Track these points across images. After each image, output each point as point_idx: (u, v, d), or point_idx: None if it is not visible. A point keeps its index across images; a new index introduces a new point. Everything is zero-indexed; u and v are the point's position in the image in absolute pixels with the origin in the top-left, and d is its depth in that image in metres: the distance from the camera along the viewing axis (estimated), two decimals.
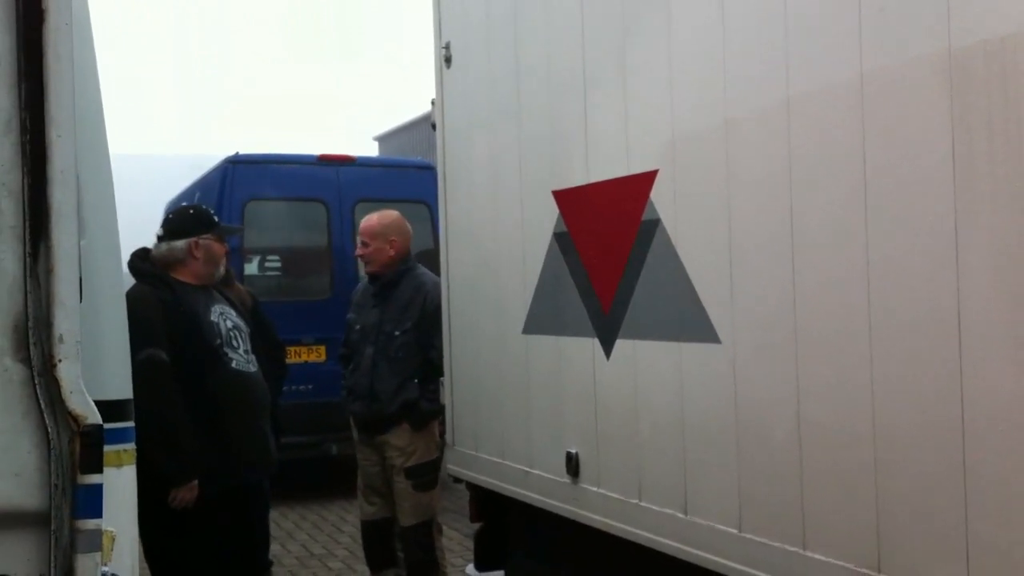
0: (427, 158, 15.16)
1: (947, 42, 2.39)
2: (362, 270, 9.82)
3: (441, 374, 5.25)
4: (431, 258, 5.99)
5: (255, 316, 5.14)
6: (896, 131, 2.56)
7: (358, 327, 5.62)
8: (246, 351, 4.76)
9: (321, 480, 9.74)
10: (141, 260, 4.75)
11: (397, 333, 5.42)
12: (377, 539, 5.62)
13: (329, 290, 9.92)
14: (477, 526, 5.12)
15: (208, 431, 4.47)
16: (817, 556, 2.81)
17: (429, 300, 5.39)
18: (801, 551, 2.86)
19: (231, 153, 9.89)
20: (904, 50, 2.53)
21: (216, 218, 5.06)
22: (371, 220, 5.70)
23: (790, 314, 2.88)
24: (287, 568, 7.20)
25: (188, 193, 11.37)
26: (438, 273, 5.31)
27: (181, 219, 4.94)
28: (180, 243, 4.76)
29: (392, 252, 5.60)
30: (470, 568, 5.21)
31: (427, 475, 5.39)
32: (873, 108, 2.61)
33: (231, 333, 4.71)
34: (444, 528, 7.78)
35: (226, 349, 4.62)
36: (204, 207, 5.03)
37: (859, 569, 2.67)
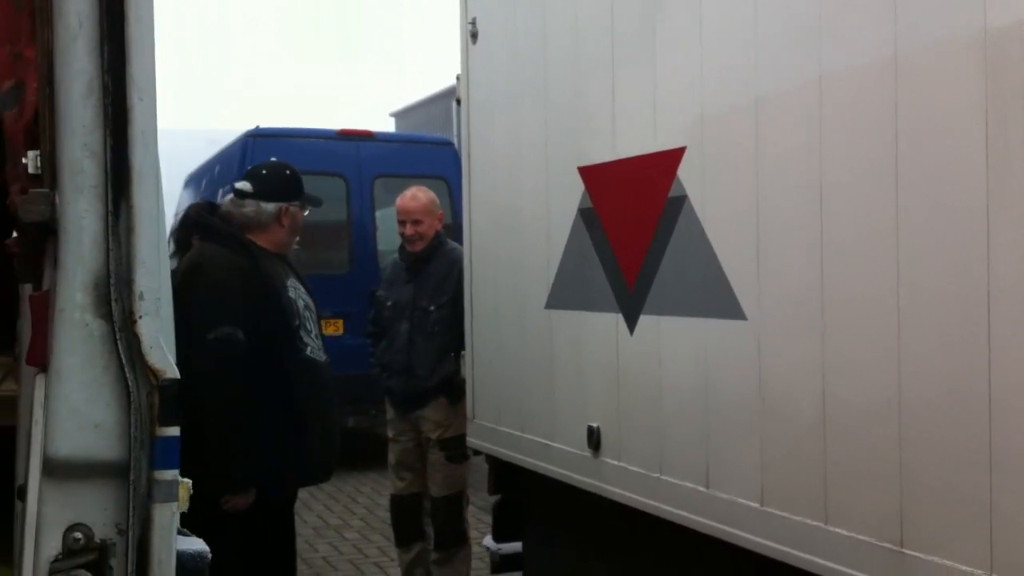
0: (444, 134, 15.20)
1: (983, 21, 2.40)
2: (381, 245, 9.95)
3: None
4: (451, 234, 6.02)
5: None
6: (929, 110, 2.56)
7: (390, 303, 5.58)
8: (318, 335, 4.25)
9: None
10: (210, 215, 4.31)
11: (432, 308, 5.39)
12: (408, 514, 5.64)
13: (348, 264, 9.97)
14: (495, 499, 5.16)
15: (280, 429, 3.98)
16: (839, 530, 2.84)
17: (459, 266, 5.31)
18: (823, 525, 2.89)
19: (251, 127, 9.93)
20: (938, 29, 2.53)
21: (307, 188, 4.50)
22: (418, 198, 5.56)
23: (817, 291, 2.90)
24: (304, 538, 7.27)
25: (208, 167, 11.42)
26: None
27: (278, 180, 4.36)
28: (271, 206, 4.24)
29: (439, 227, 5.60)
30: (488, 540, 5.25)
31: (461, 447, 5.38)
32: (906, 87, 2.61)
33: (305, 314, 4.20)
34: None
35: (302, 333, 4.13)
36: (296, 169, 4.48)
37: (881, 543, 2.70)
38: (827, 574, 2.87)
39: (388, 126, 32.80)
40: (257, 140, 9.70)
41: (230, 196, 4.38)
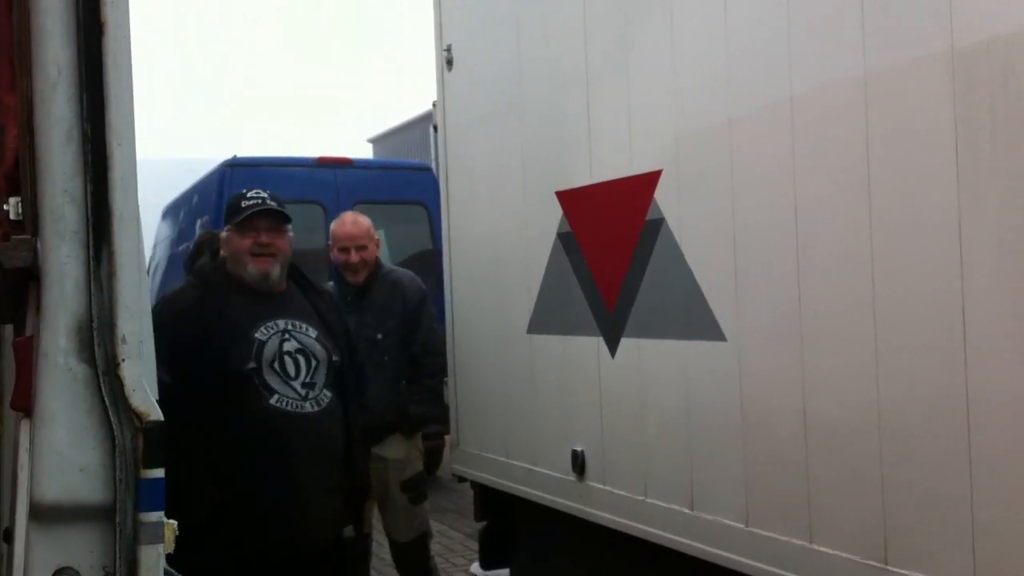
0: (422, 159, 15.23)
1: (950, 41, 2.44)
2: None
3: (427, 371, 5.07)
4: (429, 260, 6.00)
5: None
6: (900, 129, 2.60)
7: None
8: (308, 384, 3.71)
9: None
10: (211, 245, 3.99)
11: (380, 336, 5.02)
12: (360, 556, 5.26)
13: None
14: (481, 525, 5.16)
15: (224, 483, 3.55)
16: (824, 549, 2.85)
17: (409, 295, 5.07)
18: (808, 544, 2.91)
19: (228, 156, 9.93)
20: (907, 49, 2.57)
21: (245, 203, 3.82)
22: (359, 223, 5.13)
23: (795, 311, 2.93)
24: None
25: (186, 197, 11.40)
26: (434, 274, 5.18)
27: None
28: (222, 234, 3.88)
29: (377, 252, 5.21)
30: (475, 567, 5.25)
31: (422, 486, 5.11)
32: (877, 106, 2.65)
33: (287, 358, 3.69)
34: (446, 529, 7.85)
35: (267, 377, 3.61)
36: (240, 193, 3.95)
37: (866, 561, 2.72)
38: None
39: (366, 152, 32.82)
40: (235, 169, 9.68)
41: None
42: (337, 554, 3.87)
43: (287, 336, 3.74)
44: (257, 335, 3.69)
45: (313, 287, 4.06)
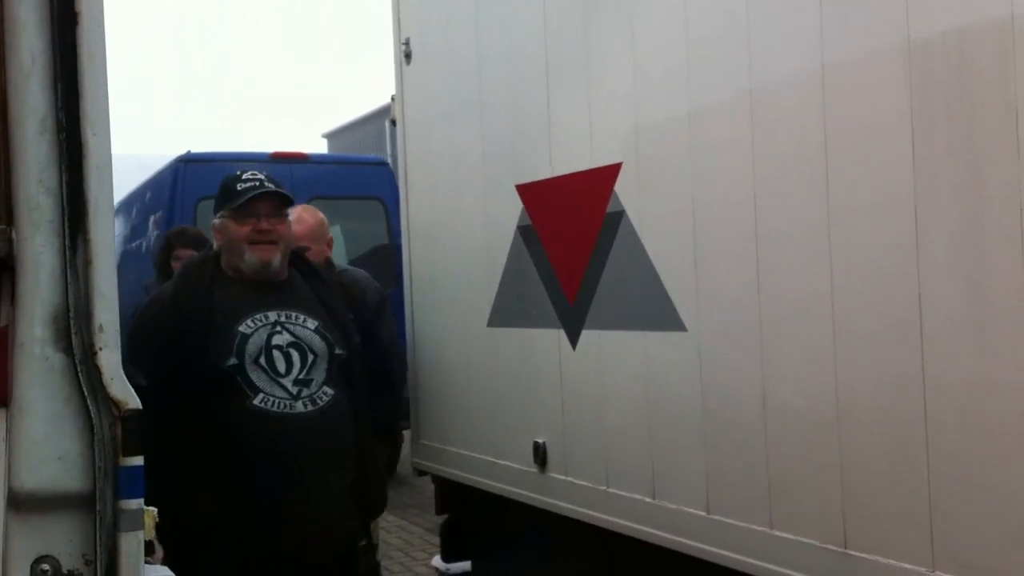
0: (377, 154, 15.18)
1: (906, 33, 2.49)
2: None
3: (400, 379, 4.83)
4: (387, 255, 5.97)
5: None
6: (857, 120, 2.66)
7: None
8: (302, 381, 3.40)
9: None
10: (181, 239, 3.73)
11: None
12: None
13: None
14: (442, 519, 5.17)
15: (223, 486, 3.32)
16: (784, 535, 2.90)
17: (368, 295, 4.65)
18: (768, 530, 2.96)
19: (181, 152, 9.85)
20: (864, 42, 2.62)
21: (241, 186, 3.48)
22: (303, 220, 4.59)
23: (754, 301, 2.97)
24: None
25: (139, 193, 11.28)
26: (391, 270, 5.07)
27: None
28: (215, 222, 3.58)
29: (328, 252, 4.73)
30: (436, 560, 5.25)
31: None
32: (835, 100, 2.70)
33: (276, 352, 3.38)
34: (406, 524, 7.86)
35: (250, 374, 3.33)
36: (231, 175, 3.59)
37: (825, 545, 2.77)
38: None
39: (320, 148, 32.66)
40: (189, 165, 9.60)
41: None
42: (350, 568, 3.65)
43: (278, 329, 3.43)
44: (241, 328, 3.39)
45: (318, 275, 3.76)
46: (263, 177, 3.51)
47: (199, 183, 9.53)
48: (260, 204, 3.47)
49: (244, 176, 3.50)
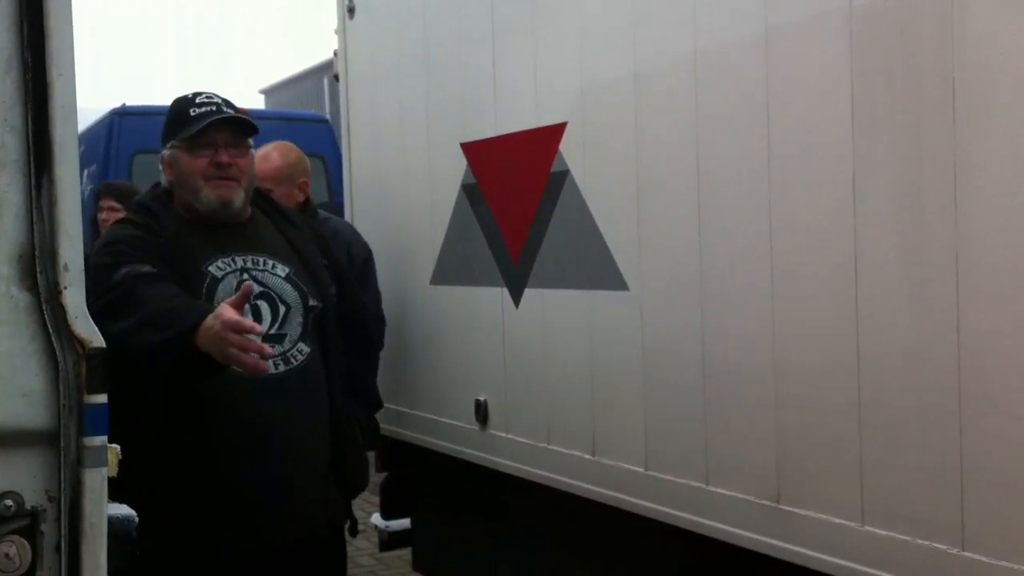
0: (316, 111, 15.01)
1: None
2: None
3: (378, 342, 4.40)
4: (330, 213, 5.92)
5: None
6: (799, 84, 2.69)
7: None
8: (274, 336, 2.96)
9: None
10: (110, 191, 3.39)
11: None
12: None
13: None
14: (382, 477, 5.19)
15: (178, 463, 2.90)
16: (720, 490, 2.96)
17: (355, 249, 4.33)
18: (705, 486, 3.01)
19: (116, 105, 9.64)
20: (806, 5, 2.65)
21: (195, 111, 3.05)
22: (270, 158, 4.15)
23: (696, 261, 3.01)
24: None
25: None
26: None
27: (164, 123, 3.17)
28: (164, 154, 3.14)
29: (302, 198, 4.31)
30: (376, 517, 5.27)
31: None
32: (777, 62, 2.73)
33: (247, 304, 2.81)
34: None
35: None
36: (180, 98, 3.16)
37: (759, 501, 2.83)
38: (710, 533, 3.00)
39: (258, 103, 32.21)
40: (124, 118, 9.40)
41: None
42: (336, 557, 3.36)
43: (245, 277, 2.96)
44: (211, 269, 2.96)
45: (285, 216, 3.33)
46: (220, 101, 3.11)
47: (134, 137, 9.34)
48: (218, 134, 3.05)
49: (199, 100, 3.08)
